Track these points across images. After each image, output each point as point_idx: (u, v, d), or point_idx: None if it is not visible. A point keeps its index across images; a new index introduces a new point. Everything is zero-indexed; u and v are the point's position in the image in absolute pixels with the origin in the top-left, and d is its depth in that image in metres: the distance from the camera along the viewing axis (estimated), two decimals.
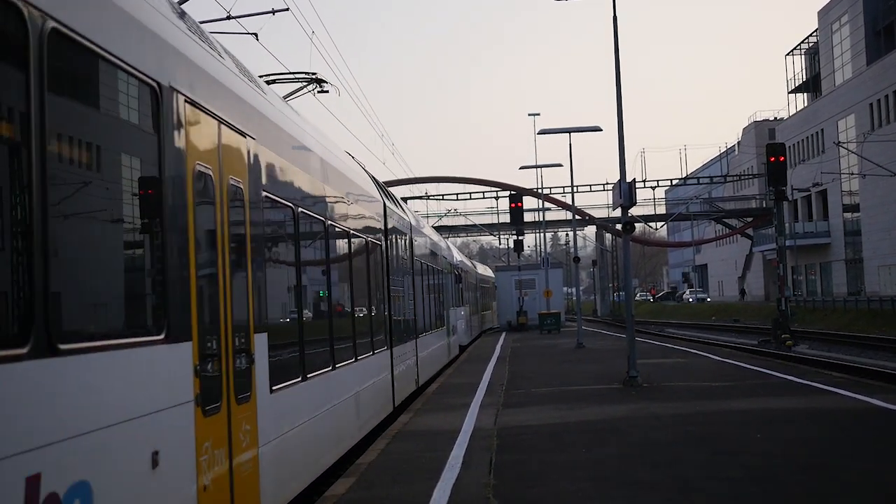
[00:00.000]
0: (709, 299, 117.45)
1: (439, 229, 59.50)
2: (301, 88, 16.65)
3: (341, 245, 13.44)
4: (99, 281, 5.64)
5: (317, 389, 11.12)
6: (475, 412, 18.00)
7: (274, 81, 15.99)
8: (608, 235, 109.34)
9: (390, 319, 18.01)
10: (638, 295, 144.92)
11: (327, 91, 16.74)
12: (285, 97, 15.59)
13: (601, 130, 37.16)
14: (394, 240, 19.28)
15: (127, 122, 5.98)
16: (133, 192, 6.01)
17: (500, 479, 11.17)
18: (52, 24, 4.87)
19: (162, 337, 6.15)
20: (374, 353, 15.61)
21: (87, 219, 5.48)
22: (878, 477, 10.48)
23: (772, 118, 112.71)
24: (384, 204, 18.35)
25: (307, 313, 11.18)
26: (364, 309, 15.17)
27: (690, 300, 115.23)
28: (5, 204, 4.53)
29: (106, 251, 5.76)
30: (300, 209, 10.64)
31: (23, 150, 4.61)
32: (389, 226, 18.63)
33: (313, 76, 16.48)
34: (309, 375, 10.70)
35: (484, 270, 67.91)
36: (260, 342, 8.32)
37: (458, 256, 42.32)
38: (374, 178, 18.81)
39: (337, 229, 13.01)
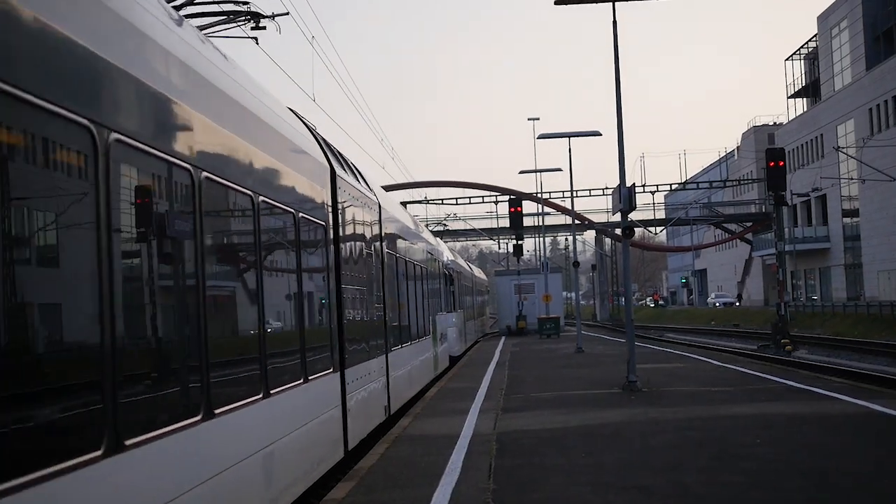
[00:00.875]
0: (738, 304, 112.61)
1: (438, 234, 58.86)
2: (227, 22, 13.24)
3: (230, 219, 8.47)
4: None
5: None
6: (474, 417, 17.99)
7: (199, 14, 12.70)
8: (607, 240, 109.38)
9: (341, 330, 12.78)
10: (647, 300, 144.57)
11: (264, 28, 13.51)
12: (204, 31, 12.38)
13: (601, 135, 37.28)
14: (347, 221, 13.96)
15: None
16: None
17: (500, 484, 11.16)
18: None
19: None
20: (306, 381, 10.47)
21: None
22: (878, 482, 10.48)
23: (771, 123, 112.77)
24: (332, 171, 13.17)
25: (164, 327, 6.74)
26: (287, 317, 10.37)
27: (717, 304, 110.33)
28: None
29: None
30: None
31: None
32: (341, 201, 13.36)
33: (246, 5, 13.15)
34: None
35: (479, 273, 65.49)
36: None
37: (448, 255, 37.87)
38: (320, 139, 13.76)
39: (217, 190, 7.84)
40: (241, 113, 8.67)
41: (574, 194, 46.33)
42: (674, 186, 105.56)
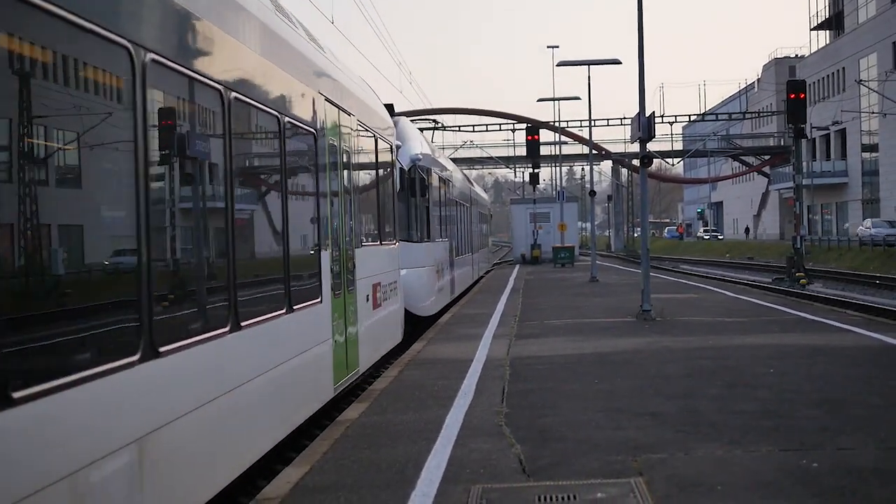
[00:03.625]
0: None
1: (455, 161, 57.95)
2: None
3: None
4: None
5: None
6: (488, 342, 18.05)
7: None
8: (624, 171, 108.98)
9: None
10: (666, 231, 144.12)
11: None
12: None
13: (620, 63, 36.87)
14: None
15: None
16: None
17: (513, 408, 11.21)
18: None
19: None
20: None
21: None
22: (890, 413, 10.49)
23: (793, 55, 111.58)
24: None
25: None
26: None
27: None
28: None
29: None
30: None
31: None
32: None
33: None
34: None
35: (480, 192, 53.59)
36: None
37: (422, 147, 23.56)
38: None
39: None
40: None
41: (592, 124, 46.09)
42: (692, 117, 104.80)
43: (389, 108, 19.24)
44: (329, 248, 11.32)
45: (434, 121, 41.58)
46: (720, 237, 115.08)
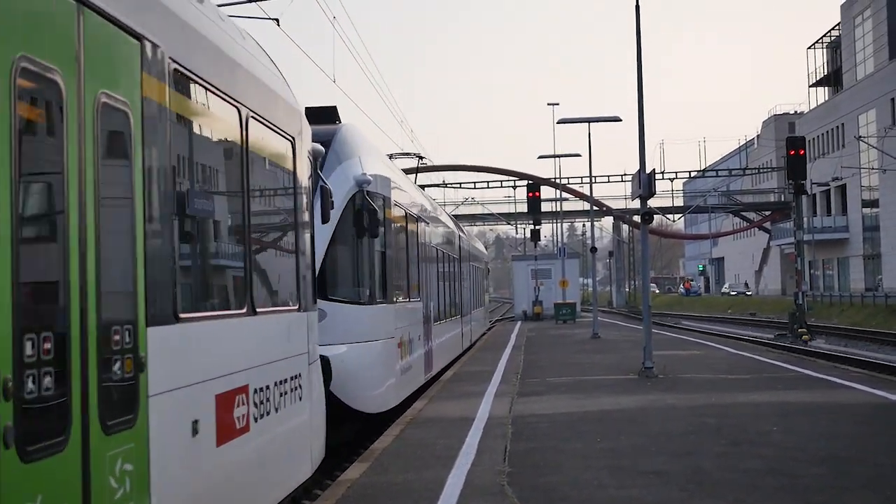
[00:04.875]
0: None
1: (457, 217, 57.93)
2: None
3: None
4: None
5: None
6: (490, 400, 17.98)
7: None
8: (625, 227, 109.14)
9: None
10: (671, 286, 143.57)
11: None
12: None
13: (620, 121, 37.14)
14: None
15: None
16: None
17: (515, 467, 11.14)
18: None
19: None
20: None
21: None
22: (894, 472, 10.42)
23: (792, 112, 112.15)
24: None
25: None
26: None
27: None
28: None
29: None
30: None
31: None
32: None
33: None
34: None
35: (475, 243, 44.92)
36: None
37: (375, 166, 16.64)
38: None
39: None
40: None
41: (592, 180, 46.27)
42: (693, 174, 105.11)
43: (331, 112, 16.00)
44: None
45: (419, 157, 33.03)
46: (749, 293, 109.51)
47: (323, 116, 15.54)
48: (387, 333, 15.80)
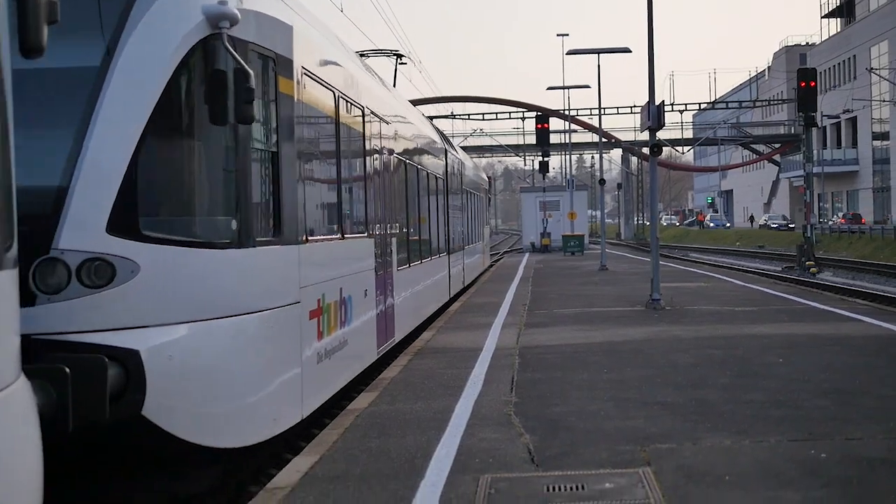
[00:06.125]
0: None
1: (465, 149, 57.52)
2: None
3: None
4: None
5: None
6: (497, 331, 18.07)
7: None
8: (634, 159, 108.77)
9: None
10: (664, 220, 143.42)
11: None
12: None
13: (630, 52, 36.87)
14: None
15: None
16: None
17: (522, 397, 11.23)
18: None
19: None
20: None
21: None
22: None
23: (804, 43, 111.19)
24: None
25: None
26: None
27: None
28: None
29: None
30: None
31: None
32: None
33: None
34: None
35: (467, 161, 35.20)
36: None
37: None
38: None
39: None
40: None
41: (602, 112, 46.04)
42: (703, 106, 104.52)
43: None
44: None
45: (398, 55, 25.54)
46: (792, 226, 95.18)
47: None
48: (280, 296, 9.10)
